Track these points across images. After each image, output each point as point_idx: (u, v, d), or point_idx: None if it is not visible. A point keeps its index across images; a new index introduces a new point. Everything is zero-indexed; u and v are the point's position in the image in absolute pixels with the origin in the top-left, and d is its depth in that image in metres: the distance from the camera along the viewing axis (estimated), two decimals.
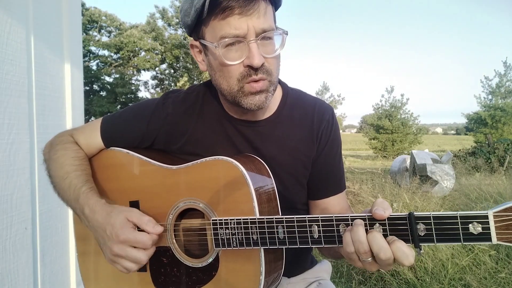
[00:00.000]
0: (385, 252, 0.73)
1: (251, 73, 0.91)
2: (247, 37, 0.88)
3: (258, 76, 0.91)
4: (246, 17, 0.86)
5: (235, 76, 0.92)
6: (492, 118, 23.55)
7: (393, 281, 2.99)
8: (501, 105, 23.75)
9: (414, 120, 26.25)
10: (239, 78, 0.92)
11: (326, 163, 1.10)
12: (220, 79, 0.96)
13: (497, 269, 2.94)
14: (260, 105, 0.95)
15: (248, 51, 0.89)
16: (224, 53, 0.90)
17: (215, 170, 0.96)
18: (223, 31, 0.88)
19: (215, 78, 0.99)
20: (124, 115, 1.15)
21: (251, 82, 0.92)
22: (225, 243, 0.91)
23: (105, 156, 1.16)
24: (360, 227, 0.75)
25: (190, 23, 0.94)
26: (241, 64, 0.91)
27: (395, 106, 26.04)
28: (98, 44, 23.90)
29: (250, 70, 0.91)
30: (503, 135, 22.06)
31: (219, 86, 0.98)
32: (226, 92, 0.97)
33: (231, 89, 0.94)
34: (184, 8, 0.94)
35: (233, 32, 0.87)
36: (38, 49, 1.57)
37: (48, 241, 1.64)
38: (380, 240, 0.74)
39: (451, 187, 6.72)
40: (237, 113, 1.07)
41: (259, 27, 0.88)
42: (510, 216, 0.67)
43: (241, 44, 0.89)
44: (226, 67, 0.92)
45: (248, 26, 0.87)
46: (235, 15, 0.86)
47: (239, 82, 0.93)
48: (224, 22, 0.87)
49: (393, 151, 24.41)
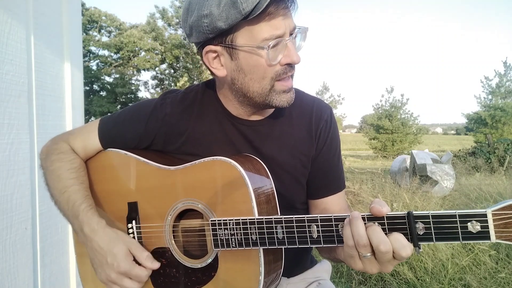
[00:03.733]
0: (385, 244, 0.73)
1: (287, 70, 0.95)
2: (284, 36, 0.91)
3: (292, 72, 0.97)
4: (283, 17, 0.90)
5: (269, 75, 0.94)
6: (492, 118, 23.55)
7: (393, 281, 2.99)
8: (501, 105, 23.74)
9: (414, 120, 26.26)
10: (273, 77, 0.94)
11: (325, 162, 1.10)
12: (251, 82, 0.96)
13: (497, 269, 2.94)
14: (290, 101, 0.99)
15: (286, 49, 0.92)
16: (271, 54, 0.91)
17: (214, 171, 0.96)
18: (267, 33, 0.89)
19: (243, 82, 0.97)
20: (122, 116, 1.15)
21: (283, 79, 0.95)
22: (224, 244, 0.91)
23: (103, 157, 1.15)
24: (359, 220, 0.76)
25: (225, 27, 0.89)
26: (278, 64, 0.94)
27: (395, 106, 26.04)
28: (98, 44, 23.90)
29: (287, 67, 0.94)
30: (503, 135, 22.05)
31: (247, 88, 0.97)
32: (256, 94, 0.97)
33: (264, 89, 0.96)
34: (216, 14, 0.87)
35: (276, 33, 0.89)
36: (38, 49, 1.57)
37: (48, 241, 1.64)
38: (380, 233, 0.74)
39: (451, 187, 6.73)
40: (242, 112, 1.07)
41: (292, 25, 0.93)
42: (508, 214, 0.67)
43: (280, 43, 0.91)
44: (266, 68, 0.93)
45: (285, 25, 0.90)
46: (280, 16, 0.89)
47: (272, 80, 0.95)
48: (268, 24, 0.89)
49: (393, 151, 24.41)
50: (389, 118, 25.52)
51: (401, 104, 26.02)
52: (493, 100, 24.67)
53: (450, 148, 19.31)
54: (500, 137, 20.49)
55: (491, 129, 23.35)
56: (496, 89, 24.75)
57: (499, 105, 23.80)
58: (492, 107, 24.18)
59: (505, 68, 24.37)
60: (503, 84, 24.53)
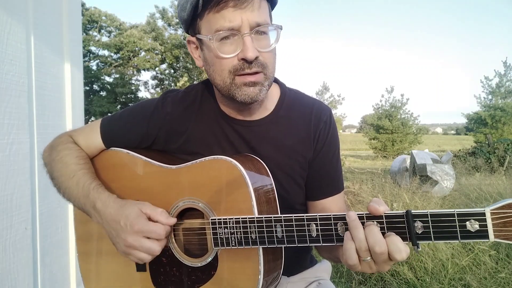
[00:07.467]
0: (381, 246, 0.73)
1: (244, 66, 0.92)
2: (241, 30, 0.89)
3: (252, 70, 0.92)
4: (240, 10, 0.87)
5: (227, 68, 0.93)
6: (492, 118, 23.53)
7: (393, 281, 2.99)
8: (501, 105, 23.72)
9: (414, 120, 26.24)
10: (231, 70, 0.93)
11: (324, 163, 1.10)
12: (214, 74, 0.97)
13: (497, 269, 2.94)
14: (254, 97, 0.95)
15: (243, 44, 0.90)
16: (219, 46, 0.91)
17: (214, 170, 0.96)
18: (218, 24, 0.89)
19: (209, 73, 1.00)
20: (123, 116, 1.16)
21: (242, 75, 0.93)
22: (224, 242, 0.91)
23: (105, 156, 1.16)
24: (358, 224, 0.76)
25: (186, 17, 0.95)
26: (235, 57, 0.92)
27: (395, 106, 26.02)
28: (98, 44, 23.91)
29: (244, 63, 0.92)
30: (503, 135, 22.04)
31: (214, 80, 1.00)
32: (220, 87, 0.98)
33: (224, 82, 0.95)
34: (181, 3, 0.95)
35: (227, 25, 0.88)
36: (38, 49, 1.57)
37: (48, 241, 1.64)
38: (376, 234, 0.74)
39: (451, 187, 6.72)
40: (233, 111, 1.08)
41: (253, 20, 0.89)
42: (507, 213, 0.67)
43: (236, 37, 0.90)
44: (220, 60, 0.93)
45: (242, 19, 0.88)
46: (229, 7, 0.87)
47: (231, 74, 0.93)
48: (219, 15, 0.88)
49: (393, 151, 24.40)
50: (389, 118, 25.50)
51: (401, 104, 26.00)
52: (493, 100, 24.65)
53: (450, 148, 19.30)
54: (500, 137, 20.49)
55: (491, 129, 23.33)
56: (496, 89, 24.73)
57: (499, 105, 23.78)
58: (492, 107, 24.16)
59: (505, 68, 24.36)
60: (503, 84, 24.52)
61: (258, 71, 0.93)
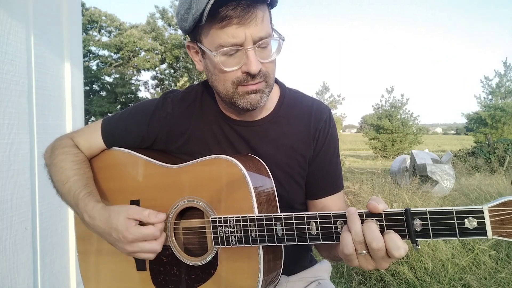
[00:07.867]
0: (377, 242, 0.74)
1: (248, 79, 0.93)
2: (244, 45, 0.89)
3: (256, 81, 0.94)
4: (244, 26, 0.87)
5: (230, 79, 0.94)
6: (492, 118, 23.53)
7: (393, 281, 2.99)
8: (501, 105, 23.72)
9: (414, 120, 26.24)
10: (234, 81, 0.94)
11: (323, 163, 1.11)
12: (217, 82, 0.98)
13: (497, 269, 2.94)
14: (256, 104, 0.96)
15: (246, 58, 0.90)
16: (222, 60, 0.91)
17: (215, 169, 0.97)
18: (221, 39, 0.89)
19: (211, 80, 1.01)
20: (124, 116, 1.17)
21: (245, 86, 0.94)
22: (224, 241, 0.92)
23: (106, 156, 1.17)
24: (356, 217, 0.77)
25: (187, 28, 0.94)
26: (239, 70, 0.92)
27: (395, 106, 26.03)
28: (98, 44, 23.90)
29: (247, 76, 0.93)
30: (503, 135, 22.03)
31: (215, 88, 1.01)
32: (222, 94, 0.99)
33: (227, 91, 0.96)
34: (181, 13, 0.94)
35: (231, 40, 0.88)
36: (38, 49, 1.58)
37: (48, 241, 1.65)
38: (374, 230, 0.75)
39: (451, 187, 6.73)
40: (233, 113, 1.09)
41: (257, 35, 0.89)
42: (505, 210, 0.68)
43: (239, 51, 0.91)
44: (220, 72, 0.94)
45: (246, 35, 0.88)
46: (233, 25, 0.87)
47: (234, 84, 0.94)
48: (222, 31, 0.88)
49: (393, 151, 24.40)
50: (389, 118, 25.50)
51: (401, 104, 26.01)
52: (493, 100, 24.65)
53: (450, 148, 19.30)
54: (500, 137, 20.47)
55: (491, 129, 23.33)
56: (496, 89, 24.73)
57: (499, 105, 23.78)
58: (492, 107, 24.16)
59: (505, 68, 24.36)
60: (503, 84, 24.52)
61: (260, 81, 0.95)
